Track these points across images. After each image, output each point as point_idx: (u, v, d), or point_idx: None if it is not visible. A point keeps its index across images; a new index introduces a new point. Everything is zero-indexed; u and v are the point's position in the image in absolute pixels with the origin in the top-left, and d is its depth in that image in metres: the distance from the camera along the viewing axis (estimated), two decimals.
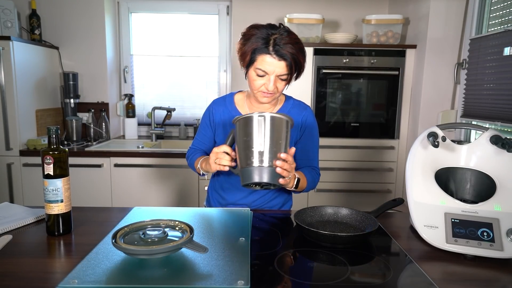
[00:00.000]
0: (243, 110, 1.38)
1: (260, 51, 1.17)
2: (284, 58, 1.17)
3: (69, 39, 2.92)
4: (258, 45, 1.17)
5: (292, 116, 1.35)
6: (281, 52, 1.16)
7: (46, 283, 0.82)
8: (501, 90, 2.04)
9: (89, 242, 1.02)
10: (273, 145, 1.05)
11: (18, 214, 1.20)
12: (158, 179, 2.57)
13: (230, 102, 1.40)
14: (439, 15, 2.42)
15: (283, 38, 1.17)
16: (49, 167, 1.04)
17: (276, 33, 1.17)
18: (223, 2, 3.11)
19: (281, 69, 1.18)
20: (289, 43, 1.16)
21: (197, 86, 3.22)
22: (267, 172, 1.04)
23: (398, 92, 2.62)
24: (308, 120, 1.38)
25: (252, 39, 1.18)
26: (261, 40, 1.17)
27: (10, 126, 2.46)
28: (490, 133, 1.13)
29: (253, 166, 1.04)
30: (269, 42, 1.16)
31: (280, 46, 1.15)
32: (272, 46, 1.16)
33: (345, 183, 2.70)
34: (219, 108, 1.40)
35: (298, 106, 1.39)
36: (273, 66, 1.18)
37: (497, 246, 0.98)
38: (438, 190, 1.10)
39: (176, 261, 0.90)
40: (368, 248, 1.03)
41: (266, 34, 1.17)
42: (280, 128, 1.06)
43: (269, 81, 1.20)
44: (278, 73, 1.19)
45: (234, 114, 1.37)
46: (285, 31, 1.19)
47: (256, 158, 1.04)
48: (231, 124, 1.37)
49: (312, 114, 1.40)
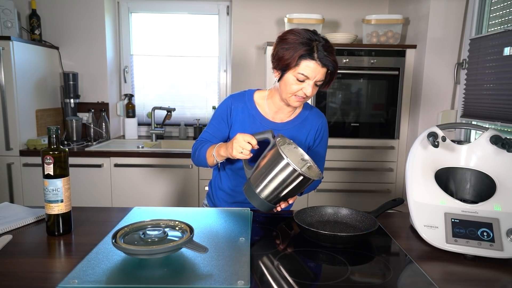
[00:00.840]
0: (263, 110, 1.38)
1: (306, 57, 1.19)
2: (327, 65, 1.20)
3: (69, 39, 2.92)
4: (303, 51, 1.18)
5: (309, 122, 1.42)
6: (325, 59, 1.19)
7: (46, 283, 0.82)
8: (501, 90, 2.04)
9: (89, 242, 1.02)
10: (287, 195, 1.15)
11: (18, 214, 1.20)
12: (158, 179, 2.57)
13: (250, 100, 1.39)
14: (439, 15, 2.42)
15: (324, 45, 1.20)
16: (49, 167, 1.04)
17: (317, 39, 1.21)
18: (223, 2, 3.11)
19: (322, 75, 1.22)
20: (328, 50, 1.20)
21: (197, 86, 3.23)
22: (266, 206, 1.17)
23: (398, 92, 2.62)
24: (323, 130, 1.45)
25: (295, 44, 1.19)
26: (305, 46, 1.18)
27: (10, 126, 2.46)
28: (490, 133, 1.13)
29: (261, 197, 1.15)
30: (313, 48, 1.19)
31: (323, 53, 1.19)
32: (317, 53, 1.19)
33: (345, 183, 2.70)
34: (239, 105, 1.39)
35: (316, 113, 1.44)
36: (316, 72, 1.20)
37: (497, 246, 0.98)
38: (438, 190, 1.10)
39: (176, 261, 0.90)
40: (368, 248, 1.03)
41: (308, 39, 1.19)
42: (301, 185, 1.13)
43: (308, 86, 1.23)
44: (318, 79, 1.22)
45: (254, 114, 1.38)
46: (323, 38, 1.23)
47: (267, 192, 1.14)
48: (250, 123, 1.37)
49: (327, 123, 1.47)
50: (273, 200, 1.16)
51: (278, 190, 1.13)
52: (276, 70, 1.27)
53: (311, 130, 1.41)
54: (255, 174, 1.16)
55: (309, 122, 1.40)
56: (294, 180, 1.10)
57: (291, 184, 1.11)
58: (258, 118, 1.37)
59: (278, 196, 1.15)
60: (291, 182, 1.11)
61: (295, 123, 1.39)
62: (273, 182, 1.12)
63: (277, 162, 1.11)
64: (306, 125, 1.40)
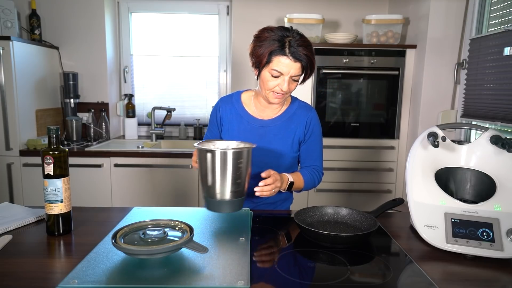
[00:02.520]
0: (250, 109, 1.41)
1: (277, 53, 1.21)
2: (300, 59, 1.21)
3: (69, 39, 2.92)
4: (275, 47, 1.20)
5: (297, 117, 1.40)
6: (297, 53, 1.20)
7: (46, 283, 0.82)
8: (501, 90, 2.04)
9: (89, 242, 1.02)
10: (238, 176, 1.10)
11: (18, 214, 1.20)
12: (158, 179, 2.57)
13: (237, 100, 1.43)
14: (439, 15, 2.42)
15: (297, 40, 1.22)
16: (49, 167, 1.04)
17: (290, 35, 1.22)
18: (223, 2, 3.11)
19: (296, 70, 1.23)
20: (303, 45, 1.22)
21: (197, 86, 3.22)
22: (237, 203, 1.12)
23: (398, 92, 2.62)
24: (313, 123, 1.41)
25: (267, 41, 1.22)
26: (277, 42, 1.20)
27: (10, 126, 2.46)
28: (490, 133, 1.13)
29: (226, 199, 1.10)
30: (285, 44, 1.20)
31: (295, 48, 1.20)
32: (288, 48, 1.20)
33: (345, 183, 2.70)
34: (226, 106, 1.43)
35: (304, 107, 1.43)
36: (289, 67, 1.22)
37: (497, 246, 0.98)
38: (438, 190, 1.10)
39: (176, 261, 0.90)
40: (368, 248, 1.03)
41: (280, 36, 1.21)
42: (237, 160, 1.09)
43: (283, 82, 1.24)
44: (293, 74, 1.24)
45: (241, 113, 1.41)
46: (298, 34, 1.25)
47: (222, 190, 1.10)
48: (237, 122, 1.41)
49: (316, 116, 1.44)
50: (234, 194, 1.11)
51: (225, 179, 1.08)
52: (254, 68, 1.30)
53: (300, 125, 1.39)
54: (205, 188, 1.13)
55: (297, 116, 1.40)
56: (216, 160, 1.07)
57: (225, 165, 1.08)
58: (245, 117, 1.40)
59: (232, 185, 1.09)
60: (221, 163, 1.08)
61: (283, 119, 1.40)
62: (215, 177, 1.09)
63: (200, 159, 1.10)
64: (294, 120, 1.40)
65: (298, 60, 1.21)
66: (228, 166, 1.08)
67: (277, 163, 1.38)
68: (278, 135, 1.38)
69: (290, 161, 1.41)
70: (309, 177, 1.39)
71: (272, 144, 1.37)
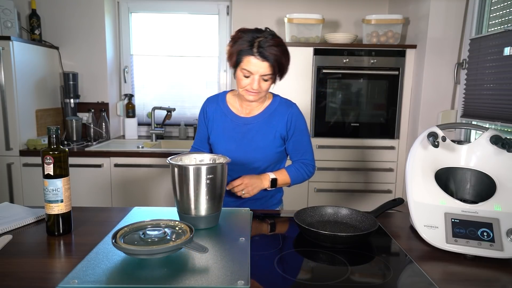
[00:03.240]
0: (234, 108, 1.46)
1: (245, 53, 1.26)
2: (267, 59, 1.26)
3: (69, 39, 2.92)
4: (244, 47, 1.26)
5: (278, 113, 1.44)
6: (264, 53, 1.25)
7: (46, 283, 0.82)
8: (501, 90, 2.04)
9: (89, 242, 1.02)
10: (212, 193, 1.10)
11: (18, 214, 1.20)
12: (158, 179, 2.57)
13: (222, 100, 1.49)
14: (439, 15, 2.42)
15: (267, 40, 1.26)
16: (49, 167, 1.04)
17: (261, 36, 1.27)
18: (223, 2, 3.11)
19: (265, 69, 1.27)
20: (272, 45, 1.26)
21: (197, 86, 3.22)
22: (212, 218, 1.13)
23: (398, 92, 2.62)
24: (294, 118, 1.44)
25: (239, 41, 1.28)
26: (247, 43, 1.26)
27: (10, 126, 2.46)
28: (490, 133, 1.13)
29: (201, 215, 1.10)
30: (254, 44, 1.26)
31: (263, 48, 1.25)
32: (256, 48, 1.25)
33: (345, 183, 2.70)
34: (212, 106, 1.49)
35: (284, 104, 1.46)
36: (257, 67, 1.27)
37: (497, 246, 0.98)
38: (438, 190, 1.10)
39: (176, 261, 0.90)
40: (368, 248, 1.03)
41: (251, 37, 1.27)
42: (211, 175, 1.09)
43: (253, 81, 1.29)
44: (262, 73, 1.28)
45: (225, 112, 1.46)
46: (270, 34, 1.29)
47: (193, 208, 1.10)
48: (222, 121, 1.46)
49: (298, 111, 1.46)
50: (210, 208, 1.10)
51: (199, 195, 1.08)
52: (231, 68, 1.36)
53: (281, 121, 1.43)
54: (180, 205, 1.12)
55: (278, 113, 1.43)
56: (190, 175, 1.07)
57: (198, 180, 1.07)
58: (229, 115, 1.46)
59: (207, 201, 1.09)
60: (194, 179, 1.07)
61: (264, 116, 1.44)
62: (190, 193, 1.08)
63: (173, 175, 1.10)
64: (275, 116, 1.43)
65: (265, 59, 1.25)
66: (202, 181, 1.08)
67: (261, 158, 1.43)
68: (260, 131, 1.42)
69: (274, 156, 1.44)
70: (296, 171, 1.45)
71: (255, 141, 1.42)
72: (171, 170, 1.12)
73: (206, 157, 1.23)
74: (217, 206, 1.13)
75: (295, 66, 2.56)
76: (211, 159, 1.22)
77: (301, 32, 2.64)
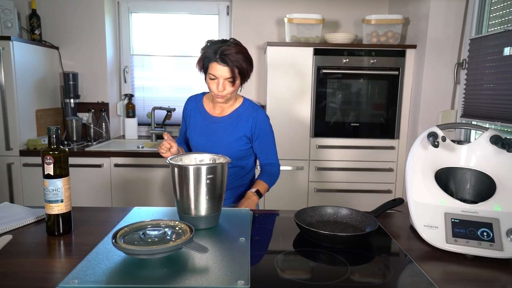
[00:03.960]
0: (207, 107, 1.61)
1: (210, 60, 1.41)
2: (227, 64, 1.39)
3: (69, 39, 2.92)
4: (209, 54, 1.41)
5: (244, 116, 1.56)
6: (225, 59, 1.39)
7: (46, 283, 0.82)
8: (501, 90, 2.04)
9: (89, 242, 1.02)
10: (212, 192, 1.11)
11: (18, 214, 1.20)
12: (158, 179, 2.57)
13: (199, 100, 1.65)
14: (439, 15, 2.42)
15: (229, 48, 1.40)
16: (49, 167, 1.04)
17: (224, 45, 1.41)
18: (223, 2, 3.11)
19: (226, 73, 1.41)
20: (233, 53, 1.40)
21: (197, 86, 3.22)
22: (213, 218, 1.13)
23: (398, 92, 2.62)
24: (259, 122, 1.56)
25: (205, 50, 1.44)
26: (212, 51, 1.41)
27: (10, 126, 2.46)
28: (490, 133, 1.13)
29: (202, 215, 1.11)
30: (217, 52, 1.40)
31: (225, 55, 1.39)
32: (219, 55, 1.39)
33: (345, 183, 2.70)
34: (191, 104, 1.65)
35: (251, 108, 1.58)
36: (220, 71, 1.41)
37: (497, 246, 0.98)
38: (438, 190, 1.10)
39: (176, 261, 0.90)
40: (368, 248, 1.03)
41: (216, 47, 1.41)
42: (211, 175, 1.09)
43: (218, 84, 1.43)
44: (225, 76, 1.42)
45: (200, 110, 1.61)
46: (233, 43, 1.44)
47: (193, 208, 1.11)
48: (197, 118, 1.60)
49: (263, 115, 1.58)
50: (210, 208, 1.11)
51: (199, 195, 1.08)
52: (201, 73, 1.51)
53: (246, 123, 1.55)
54: (180, 205, 1.12)
55: (244, 116, 1.56)
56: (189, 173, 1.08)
57: (198, 180, 1.08)
58: (202, 114, 1.61)
59: (208, 201, 1.10)
60: (194, 179, 1.08)
61: (232, 117, 1.56)
62: (188, 193, 1.09)
63: (173, 174, 1.10)
64: (241, 118, 1.56)
65: (225, 63, 1.39)
66: (202, 181, 1.08)
67: (225, 154, 1.48)
68: (227, 130, 1.55)
69: (238, 153, 1.55)
70: (268, 177, 1.59)
71: (222, 138, 1.55)
72: (171, 170, 1.12)
73: (206, 157, 1.23)
74: (217, 206, 1.13)
75: (295, 66, 2.57)
76: (211, 159, 1.22)
77: (301, 32, 2.64)
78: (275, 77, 2.56)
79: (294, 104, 2.60)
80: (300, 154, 2.65)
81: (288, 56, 2.55)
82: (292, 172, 2.66)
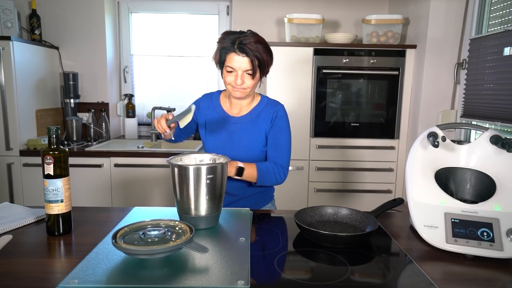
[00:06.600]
0: (225, 107, 1.51)
1: (227, 50, 1.33)
2: (247, 54, 1.31)
3: (69, 39, 2.92)
4: (225, 45, 1.33)
5: (264, 113, 1.47)
6: (244, 49, 1.31)
7: (46, 283, 0.82)
8: (501, 90, 2.04)
9: (89, 242, 1.02)
10: (212, 193, 1.10)
11: (18, 214, 1.20)
12: (158, 179, 2.57)
13: (216, 98, 1.54)
14: (439, 15, 2.42)
15: (248, 38, 1.32)
16: (49, 167, 1.04)
17: (241, 36, 1.33)
18: (223, 2, 3.11)
19: (246, 64, 1.33)
20: (252, 42, 1.32)
21: (197, 86, 3.22)
22: (213, 218, 1.13)
23: (398, 92, 2.62)
24: (278, 115, 1.47)
25: (221, 42, 1.35)
26: (229, 42, 1.33)
27: (10, 126, 2.46)
28: (490, 133, 1.13)
29: (201, 215, 1.10)
30: (235, 42, 1.32)
31: (243, 44, 1.31)
32: (237, 45, 1.31)
33: (345, 183, 2.70)
34: (205, 103, 1.54)
35: (271, 104, 1.50)
36: (239, 62, 1.32)
37: (497, 246, 0.98)
38: (438, 190, 1.10)
39: (176, 261, 0.90)
40: (368, 248, 1.03)
41: (234, 37, 1.33)
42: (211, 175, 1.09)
43: (237, 76, 1.34)
44: (244, 68, 1.33)
45: (218, 110, 1.51)
46: (251, 33, 1.35)
47: (193, 208, 1.10)
48: (212, 118, 1.50)
49: (283, 110, 1.49)
50: (210, 208, 1.11)
51: (199, 195, 1.08)
52: (218, 68, 1.42)
53: (266, 120, 1.47)
54: (180, 205, 1.12)
55: (264, 113, 1.48)
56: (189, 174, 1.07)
57: (198, 180, 1.08)
58: (220, 114, 1.51)
59: (208, 201, 1.10)
60: (194, 178, 1.07)
61: (251, 116, 1.48)
62: (188, 193, 1.08)
63: (173, 174, 1.10)
64: (261, 117, 1.47)
65: (245, 54, 1.31)
66: (202, 181, 1.08)
67: (246, 156, 1.46)
68: (247, 131, 1.47)
69: (260, 154, 1.48)
70: (266, 170, 1.42)
71: (242, 139, 1.46)
72: (171, 170, 1.12)
73: (206, 157, 1.23)
74: (217, 206, 1.13)
75: (295, 66, 2.57)
76: (211, 159, 1.23)
77: (301, 32, 2.64)
78: (275, 77, 2.56)
79: (294, 104, 2.60)
80: (300, 154, 2.65)
81: (288, 56, 2.55)
82: (292, 172, 2.66)
